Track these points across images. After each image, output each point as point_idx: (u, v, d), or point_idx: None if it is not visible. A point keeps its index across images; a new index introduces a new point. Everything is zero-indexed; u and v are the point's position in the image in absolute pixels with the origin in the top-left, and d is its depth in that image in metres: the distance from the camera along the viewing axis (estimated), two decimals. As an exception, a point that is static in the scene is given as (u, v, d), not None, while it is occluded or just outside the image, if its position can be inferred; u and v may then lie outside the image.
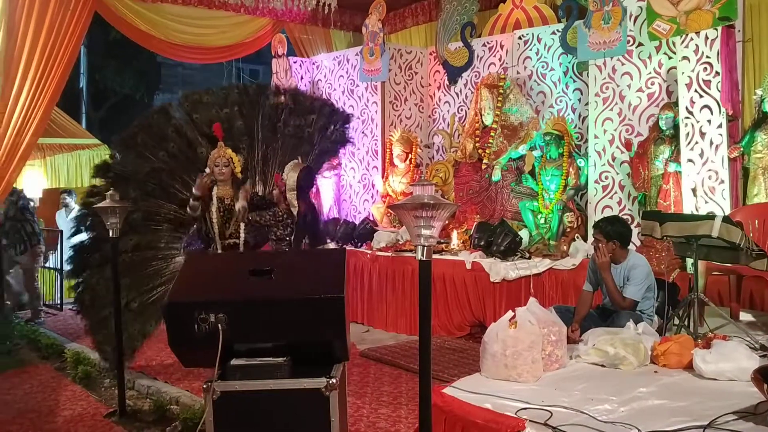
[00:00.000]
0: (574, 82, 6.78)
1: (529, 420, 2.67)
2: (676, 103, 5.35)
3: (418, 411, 2.49)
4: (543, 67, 7.01)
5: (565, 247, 5.96)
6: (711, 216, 4.10)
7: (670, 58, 5.56)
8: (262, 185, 5.52)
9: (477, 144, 6.90)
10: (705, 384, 3.14)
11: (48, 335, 6.84)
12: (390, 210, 7.20)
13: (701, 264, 4.47)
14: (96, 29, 11.38)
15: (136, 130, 5.60)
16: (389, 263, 6.83)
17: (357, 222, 7.74)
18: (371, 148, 8.05)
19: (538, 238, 6.24)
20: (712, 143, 5.04)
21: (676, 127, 5.33)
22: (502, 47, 7.41)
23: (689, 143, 5.15)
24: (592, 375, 3.34)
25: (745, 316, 4.84)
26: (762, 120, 5.24)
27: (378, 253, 6.94)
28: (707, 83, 5.03)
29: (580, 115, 6.70)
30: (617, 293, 4.18)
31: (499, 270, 5.93)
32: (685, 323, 4.14)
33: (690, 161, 5.15)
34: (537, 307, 3.52)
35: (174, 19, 8.11)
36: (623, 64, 5.78)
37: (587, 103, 6.20)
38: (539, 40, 7.03)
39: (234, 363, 2.70)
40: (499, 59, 7.42)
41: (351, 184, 8.37)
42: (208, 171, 5.05)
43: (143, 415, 4.58)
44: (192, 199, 4.99)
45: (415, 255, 2.41)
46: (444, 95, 8.10)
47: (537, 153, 6.48)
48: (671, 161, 5.36)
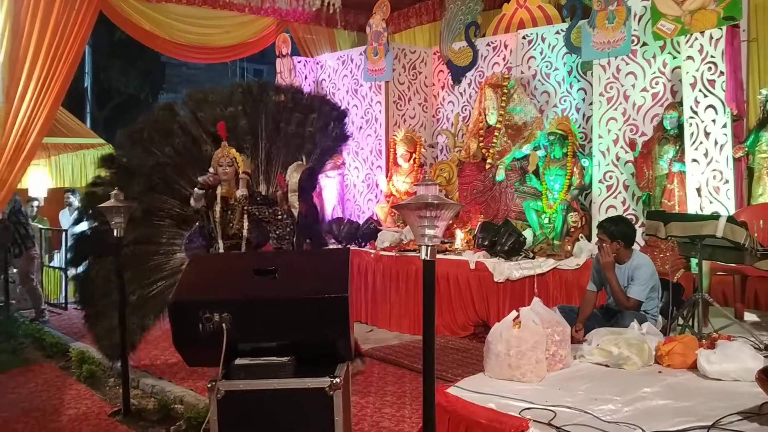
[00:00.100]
0: (578, 81, 6.76)
1: (533, 420, 2.66)
2: (680, 103, 5.34)
3: (421, 410, 2.49)
4: (547, 67, 7.00)
5: (569, 247, 5.94)
6: (715, 216, 4.10)
7: (674, 57, 5.55)
8: (265, 185, 5.51)
9: (481, 144, 6.89)
10: (709, 384, 3.13)
11: (53, 334, 6.85)
12: (394, 210, 7.15)
13: (706, 264, 4.45)
14: (101, 29, 11.39)
15: (142, 125, 5.58)
16: (393, 263, 6.83)
17: (361, 222, 7.74)
18: (375, 147, 8.04)
19: (542, 237, 6.23)
20: (716, 143, 5.03)
21: (680, 127, 5.33)
22: (506, 47, 7.40)
23: (694, 143, 5.14)
24: (595, 375, 3.33)
25: (750, 316, 4.82)
26: (767, 120, 5.23)
27: (382, 253, 6.94)
28: (712, 83, 5.03)
29: (584, 115, 6.69)
30: (621, 293, 4.17)
31: (503, 270, 5.93)
32: (690, 323, 4.14)
33: (694, 161, 5.14)
34: (541, 307, 3.51)
35: (178, 19, 8.13)
36: (627, 63, 5.77)
37: (591, 103, 6.19)
38: (543, 39, 7.02)
39: (238, 362, 2.71)
40: (503, 59, 7.41)
41: (355, 183, 8.37)
42: (211, 170, 5.03)
43: (147, 414, 4.58)
44: (197, 188, 4.80)
45: (419, 255, 2.40)
46: (448, 95, 8.09)
47: (541, 153, 6.47)
48: (675, 161, 5.35)
